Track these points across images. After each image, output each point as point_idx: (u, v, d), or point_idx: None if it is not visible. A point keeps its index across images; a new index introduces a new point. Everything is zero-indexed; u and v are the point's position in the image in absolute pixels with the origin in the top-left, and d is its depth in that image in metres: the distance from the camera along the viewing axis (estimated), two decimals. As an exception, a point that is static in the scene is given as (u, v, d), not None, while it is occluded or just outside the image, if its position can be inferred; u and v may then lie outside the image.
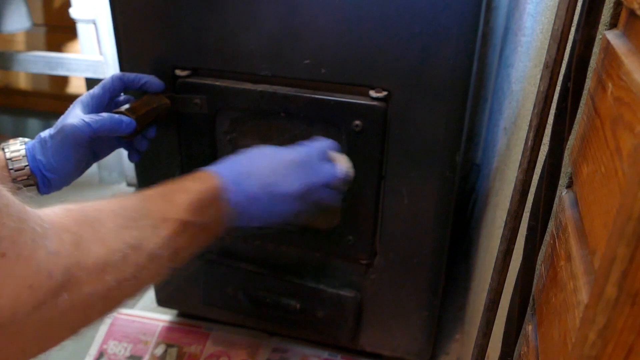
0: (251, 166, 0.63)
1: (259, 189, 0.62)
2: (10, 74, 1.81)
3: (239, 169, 0.62)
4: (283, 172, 0.64)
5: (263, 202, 0.62)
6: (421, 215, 0.79)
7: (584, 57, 0.35)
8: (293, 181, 0.64)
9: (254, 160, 0.64)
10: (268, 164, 0.64)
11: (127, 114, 0.70)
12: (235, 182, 0.61)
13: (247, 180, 0.62)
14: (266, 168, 0.64)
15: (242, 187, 0.61)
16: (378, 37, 0.69)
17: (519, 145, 0.64)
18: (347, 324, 0.90)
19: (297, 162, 0.65)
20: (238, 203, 0.60)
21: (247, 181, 0.61)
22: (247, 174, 0.62)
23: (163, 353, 1.00)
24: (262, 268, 0.91)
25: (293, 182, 0.64)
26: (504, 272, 0.43)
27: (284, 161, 0.65)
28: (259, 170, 0.63)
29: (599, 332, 0.25)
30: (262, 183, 0.62)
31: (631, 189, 0.23)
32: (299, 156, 0.66)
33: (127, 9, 0.78)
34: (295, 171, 0.64)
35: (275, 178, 0.63)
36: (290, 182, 0.64)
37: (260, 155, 0.65)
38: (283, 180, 0.63)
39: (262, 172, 0.63)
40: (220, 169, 0.62)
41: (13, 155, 0.66)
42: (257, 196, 0.62)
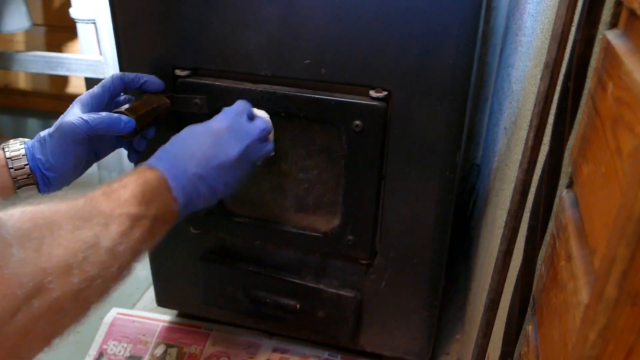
0: (186, 147, 0.64)
1: (200, 167, 0.63)
2: (10, 73, 1.81)
3: (174, 154, 0.63)
4: (218, 143, 0.65)
5: (208, 178, 0.63)
6: (421, 215, 0.79)
7: (584, 57, 0.35)
8: (230, 148, 0.65)
9: (187, 140, 0.65)
10: (201, 140, 0.65)
11: (127, 113, 0.70)
12: (174, 168, 0.61)
13: (186, 162, 0.62)
14: (201, 145, 0.64)
15: (183, 170, 0.62)
16: (378, 37, 0.69)
17: (519, 145, 0.64)
18: (347, 324, 0.90)
19: (227, 128, 0.66)
20: (183, 187, 0.61)
21: (185, 163, 0.62)
22: (183, 156, 0.63)
23: (163, 353, 1.00)
24: (262, 268, 0.91)
25: (230, 149, 0.65)
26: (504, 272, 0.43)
27: (215, 131, 0.66)
28: (194, 148, 0.64)
29: (599, 332, 0.25)
30: (200, 160, 0.63)
31: (631, 189, 0.23)
32: (226, 122, 0.67)
33: (127, 9, 0.78)
34: (228, 138, 0.66)
35: (212, 151, 0.64)
36: (227, 149, 0.65)
37: (191, 134, 0.66)
38: (220, 151, 0.64)
39: (197, 150, 0.64)
40: (157, 159, 0.62)
41: (13, 155, 0.66)
42: (200, 174, 0.63)
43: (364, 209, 0.80)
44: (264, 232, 0.87)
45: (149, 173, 0.59)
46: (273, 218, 0.87)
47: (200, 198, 0.63)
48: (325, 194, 0.84)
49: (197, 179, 0.62)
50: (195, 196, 0.63)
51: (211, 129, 0.67)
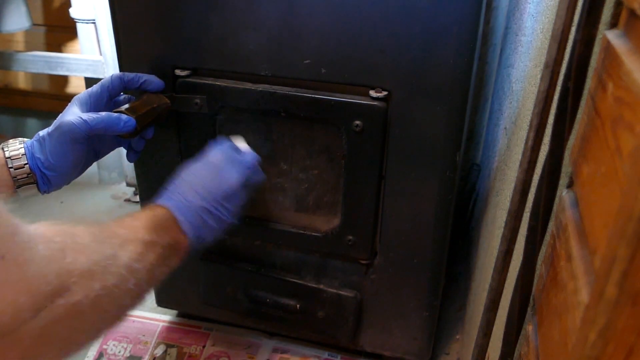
0: (188, 183, 0.67)
1: (205, 201, 0.66)
2: (10, 73, 1.81)
3: (179, 191, 0.66)
4: (218, 175, 0.68)
5: (213, 209, 0.66)
6: (421, 215, 0.79)
7: (585, 57, 0.35)
8: (229, 177, 0.68)
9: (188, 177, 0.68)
10: (202, 174, 0.68)
11: (127, 113, 0.70)
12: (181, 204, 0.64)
13: (191, 197, 0.65)
14: (203, 179, 0.67)
15: (188, 205, 0.64)
16: (378, 37, 0.69)
17: (519, 145, 0.64)
18: (347, 324, 0.90)
19: (224, 160, 0.69)
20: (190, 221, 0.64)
21: (191, 198, 0.65)
22: (187, 190, 0.66)
23: (163, 353, 0.99)
24: (262, 268, 0.91)
25: (230, 178, 0.68)
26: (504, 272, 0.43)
27: (214, 165, 0.69)
28: (197, 183, 0.67)
29: (599, 333, 0.25)
30: (204, 194, 0.66)
31: (631, 189, 0.23)
32: (221, 155, 0.70)
33: (127, 9, 0.78)
34: (227, 169, 0.69)
35: (214, 183, 0.67)
36: (229, 180, 0.68)
37: (191, 171, 0.69)
38: (222, 182, 0.67)
39: (200, 185, 0.66)
40: (163, 198, 0.65)
41: (12, 154, 0.66)
42: (206, 207, 0.65)
43: (364, 209, 0.80)
44: (264, 232, 0.87)
45: (158, 209, 0.62)
46: (273, 218, 0.87)
47: (208, 229, 0.66)
48: (325, 194, 0.84)
49: (203, 211, 0.65)
50: (202, 227, 0.65)
51: (210, 162, 0.69)
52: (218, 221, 0.67)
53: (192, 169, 0.69)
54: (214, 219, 0.66)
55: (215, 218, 0.66)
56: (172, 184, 0.67)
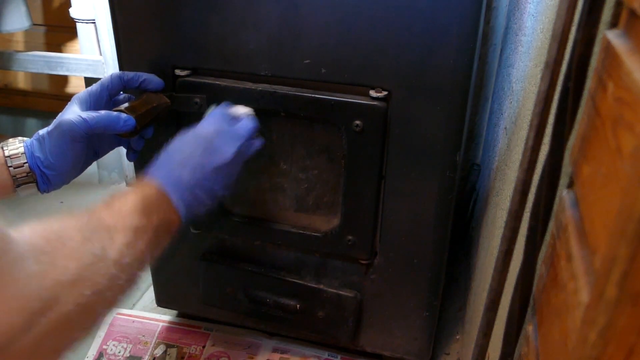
0: (179, 156, 0.65)
1: (197, 174, 0.63)
2: (10, 73, 1.81)
3: (169, 164, 0.64)
4: (210, 148, 0.66)
5: (205, 183, 0.64)
6: (421, 215, 0.79)
7: (585, 57, 0.35)
8: (223, 151, 0.66)
9: (180, 149, 0.66)
10: (193, 147, 0.66)
11: (127, 112, 0.70)
12: (171, 178, 0.62)
13: (181, 171, 0.63)
14: (193, 151, 0.65)
15: (179, 179, 0.62)
16: (378, 37, 0.69)
17: (519, 145, 0.64)
18: (347, 324, 0.90)
19: (216, 132, 0.67)
20: (181, 195, 0.62)
21: (181, 172, 0.63)
22: (178, 165, 0.64)
23: (163, 353, 0.99)
24: (262, 268, 0.91)
25: (224, 152, 0.66)
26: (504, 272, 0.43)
27: (205, 137, 0.67)
28: (188, 156, 0.65)
29: (599, 333, 0.25)
30: (196, 167, 0.64)
31: (632, 189, 0.23)
32: (214, 126, 0.68)
33: (127, 9, 0.78)
34: (220, 141, 0.66)
35: (206, 156, 0.65)
36: (221, 153, 0.66)
37: (182, 143, 0.67)
38: (214, 155, 0.65)
39: (191, 157, 0.64)
40: (153, 172, 0.63)
41: (12, 153, 0.66)
42: (197, 180, 0.63)
43: (364, 209, 0.80)
44: (264, 232, 0.87)
45: (147, 186, 0.61)
46: (273, 218, 0.87)
47: (199, 204, 0.64)
48: (325, 194, 0.84)
49: (194, 185, 0.63)
50: (194, 202, 0.63)
51: (201, 135, 0.67)
52: (210, 195, 0.65)
53: (182, 141, 0.67)
54: (206, 193, 0.64)
55: (207, 192, 0.64)
56: (162, 158, 0.66)
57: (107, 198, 0.57)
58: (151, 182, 0.62)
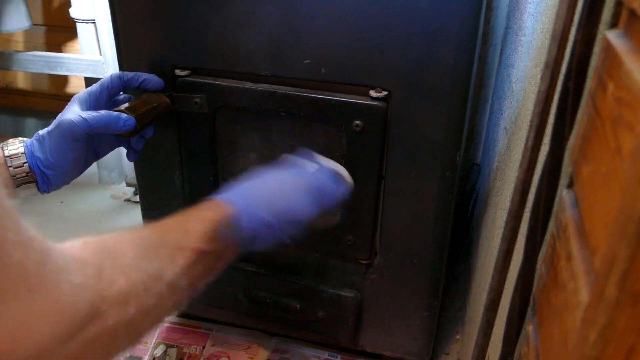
0: (262, 192, 0.63)
1: (271, 216, 0.61)
2: (10, 73, 1.81)
3: (250, 195, 0.62)
4: (296, 198, 0.63)
5: (276, 227, 0.61)
6: (421, 215, 0.79)
7: (585, 57, 0.35)
8: (308, 207, 0.63)
9: (265, 185, 0.64)
10: (279, 189, 0.63)
11: (127, 112, 0.70)
12: (248, 209, 0.60)
13: (259, 207, 0.61)
14: (277, 193, 0.63)
15: (255, 213, 0.60)
16: (378, 37, 0.69)
17: (519, 145, 0.64)
18: (347, 324, 0.90)
19: (310, 187, 0.65)
20: (251, 230, 0.60)
21: (259, 207, 0.61)
22: (258, 199, 0.61)
23: (163, 353, 0.99)
24: (262, 268, 0.91)
25: (308, 207, 0.63)
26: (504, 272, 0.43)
27: (297, 186, 0.64)
28: (271, 195, 0.62)
29: (599, 333, 0.25)
30: (274, 209, 0.61)
31: (632, 189, 0.23)
32: (311, 181, 0.65)
33: (127, 9, 0.78)
34: (310, 197, 0.64)
35: (287, 204, 0.62)
36: (305, 207, 0.63)
37: (270, 180, 0.65)
38: (297, 206, 0.63)
39: (273, 198, 0.62)
40: (232, 197, 0.61)
41: (12, 153, 0.66)
42: (270, 222, 0.61)
43: (364, 209, 0.80)
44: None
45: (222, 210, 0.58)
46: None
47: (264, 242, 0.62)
48: (325, 194, 0.84)
49: (266, 225, 0.61)
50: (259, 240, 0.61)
51: (292, 181, 0.65)
52: (275, 241, 0.62)
53: (275, 175, 0.65)
54: (273, 238, 0.62)
55: (275, 237, 0.62)
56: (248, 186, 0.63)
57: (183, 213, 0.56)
58: (229, 204, 0.59)
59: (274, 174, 0.66)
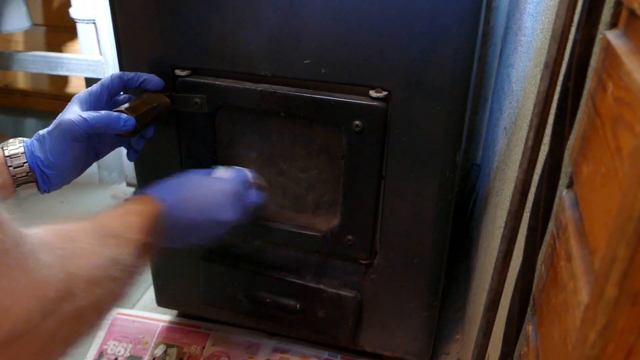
0: (190, 192, 0.68)
1: (198, 215, 0.66)
2: (10, 73, 1.81)
3: (178, 194, 0.67)
4: (220, 201, 0.69)
5: (200, 226, 0.67)
6: (421, 215, 0.79)
7: (584, 57, 0.35)
8: (229, 210, 0.69)
9: (192, 186, 0.70)
10: (205, 191, 0.69)
11: (127, 112, 0.70)
12: (176, 207, 0.64)
13: (186, 206, 0.66)
14: (204, 195, 0.69)
15: (182, 211, 0.65)
16: (378, 37, 0.69)
17: (519, 145, 0.64)
18: (347, 324, 0.90)
19: (232, 194, 0.70)
20: (177, 226, 0.64)
21: (186, 206, 0.66)
22: (186, 199, 0.67)
23: (163, 353, 0.99)
24: (262, 268, 0.91)
25: (229, 211, 0.69)
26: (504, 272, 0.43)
27: (220, 191, 0.70)
28: (197, 196, 0.68)
29: (599, 332, 0.25)
30: (200, 209, 0.67)
31: (631, 189, 0.23)
32: (233, 188, 0.71)
33: (127, 9, 0.78)
34: (231, 201, 0.70)
35: (213, 206, 0.68)
36: (227, 211, 0.69)
37: (197, 182, 0.71)
38: (220, 209, 0.69)
39: (200, 199, 0.68)
40: (163, 194, 0.65)
41: (12, 153, 0.66)
42: (196, 221, 0.66)
43: (364, 209, 0.80)
44: (264, 232, 0.87)
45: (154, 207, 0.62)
46: (273, 218, 0.87)
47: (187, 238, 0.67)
48: (325, 194, 0.84)
49: (192, 222, 0.66)
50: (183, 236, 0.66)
51: (216, 185, 0.71)
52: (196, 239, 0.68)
53: (199, 180, 0.71)
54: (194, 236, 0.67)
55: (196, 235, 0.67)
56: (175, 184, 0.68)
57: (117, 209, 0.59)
58: (160, 202, 0.63)
59: (199, 177, 0.72)
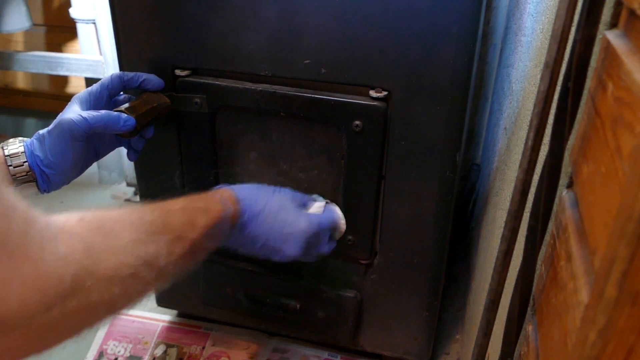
0: (269, 209, 0.67)
1: (264, 234, 0.66)
2: (10, 73, 1.81)
3: (258, 206, 0.66)
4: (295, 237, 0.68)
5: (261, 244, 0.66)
6: (421, 215, 0.79)
7: (584, 57, 0.35)
8: (297, 249, 0.69)
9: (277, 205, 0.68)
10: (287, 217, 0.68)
11: (127, 112, 0.70)
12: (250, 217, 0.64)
13: (260, 220, 0.65)
14: (284, 222, 0.68)
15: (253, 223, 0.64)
16: (378, 37, 0.69)
17: (519, 145, 0.64)
18: (347, 324, 0.89)
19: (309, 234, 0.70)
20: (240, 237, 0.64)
21: (259, 221, 0.65)
22: (262, 214, 0.66)
23: (163, 353, 0.99)
24: (262, 268, 0.91)
25: (296, 249, 0.69)
26: (504, 272, 0.43)
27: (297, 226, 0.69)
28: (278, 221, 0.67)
29: (599, 332, 0.25)
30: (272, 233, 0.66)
31: (631, 189, 0.23)
32: (312, 230, 0.70)
33: (127, 9, 0.78)
34: (303, 241, 0.69)
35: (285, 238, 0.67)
36: (295, 248, 0.69)
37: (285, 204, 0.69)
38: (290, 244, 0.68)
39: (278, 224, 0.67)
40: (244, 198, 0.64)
41: (12, 152, 0.66)
42: (260, 238, 0.66)
43: (364, 209, 0.80)
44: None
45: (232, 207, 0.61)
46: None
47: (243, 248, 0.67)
48: (325, 194, 0.84)
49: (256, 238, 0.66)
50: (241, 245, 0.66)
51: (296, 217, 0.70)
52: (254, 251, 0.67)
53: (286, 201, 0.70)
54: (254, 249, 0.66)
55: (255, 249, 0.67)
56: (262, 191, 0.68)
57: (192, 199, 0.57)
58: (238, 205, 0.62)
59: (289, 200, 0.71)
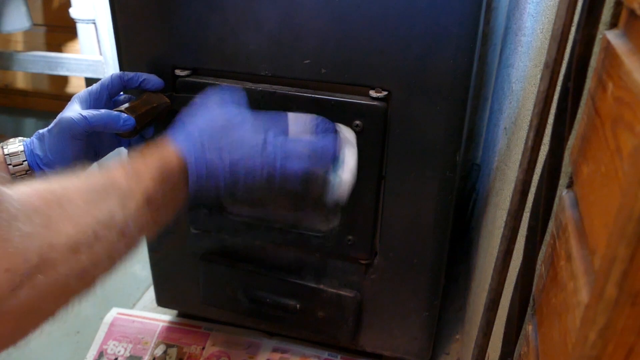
0: (211, 130, 0.62)
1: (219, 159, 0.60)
2: (10, 73, 1.81)
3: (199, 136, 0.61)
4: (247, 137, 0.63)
5: (224, 154, 0.61)
6: (421, 215, 0.79)
7: (584, 57, 0.35)
8: (254, 133, 0.63)
9: (215, 124, 0.63)
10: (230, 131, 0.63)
11: (127, 112, 0.70)
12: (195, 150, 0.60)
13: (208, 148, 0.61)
14: (228, 135, 0.62)
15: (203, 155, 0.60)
16: (378, 37, 0.69)
17: (519, 145, 0.64)
18: (347, 324, 0.90)
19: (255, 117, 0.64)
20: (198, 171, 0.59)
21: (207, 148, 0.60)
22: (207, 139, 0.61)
23: (163, 353, 0.99)
24: (262, 268, 0.91)
25: (254, 133, 0.63)
26: (504, 272, 0.43)
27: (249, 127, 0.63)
28: (220, 137, 0.62)
29: (599, 332, 0.25)
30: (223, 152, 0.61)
31: (631, 189, 0.23)
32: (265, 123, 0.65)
33: (127, 9, 0.78)
34: (256, 124, 0.63)
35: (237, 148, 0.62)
36: (252, 134, 0.63)
37: (214, 116, 0.64)
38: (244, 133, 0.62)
39: (223, 140, 0.62)
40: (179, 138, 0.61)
41: (11, 152, 0.66)
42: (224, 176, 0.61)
43: (364, 209, 0.80)
44: (264, 232, 0.87)
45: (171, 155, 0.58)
46: (273, 218, 0.87)
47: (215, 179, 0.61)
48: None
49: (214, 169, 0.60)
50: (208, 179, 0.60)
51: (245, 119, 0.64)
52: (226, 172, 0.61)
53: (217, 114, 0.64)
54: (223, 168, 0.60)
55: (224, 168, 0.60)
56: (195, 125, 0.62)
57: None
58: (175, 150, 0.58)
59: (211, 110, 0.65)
